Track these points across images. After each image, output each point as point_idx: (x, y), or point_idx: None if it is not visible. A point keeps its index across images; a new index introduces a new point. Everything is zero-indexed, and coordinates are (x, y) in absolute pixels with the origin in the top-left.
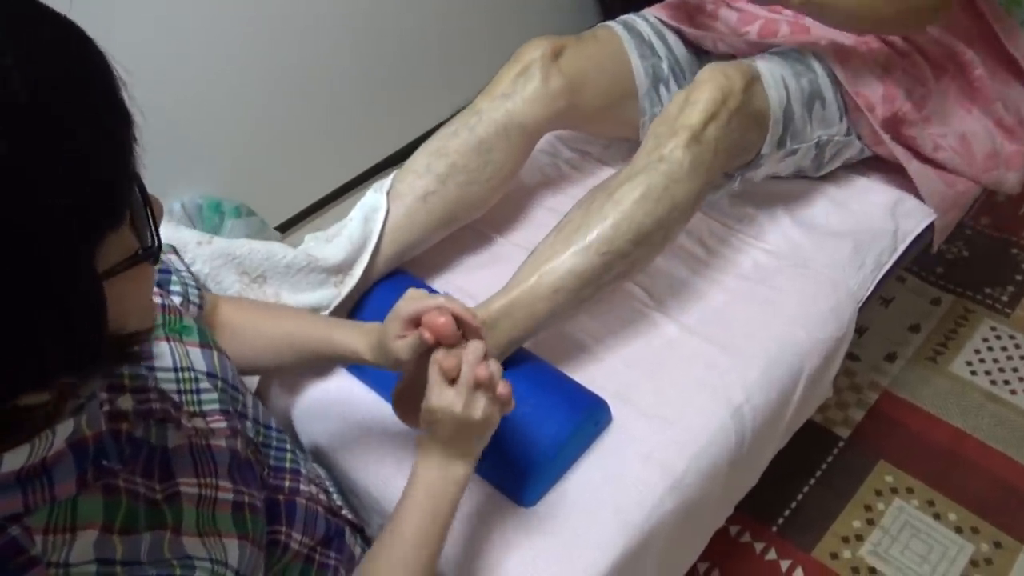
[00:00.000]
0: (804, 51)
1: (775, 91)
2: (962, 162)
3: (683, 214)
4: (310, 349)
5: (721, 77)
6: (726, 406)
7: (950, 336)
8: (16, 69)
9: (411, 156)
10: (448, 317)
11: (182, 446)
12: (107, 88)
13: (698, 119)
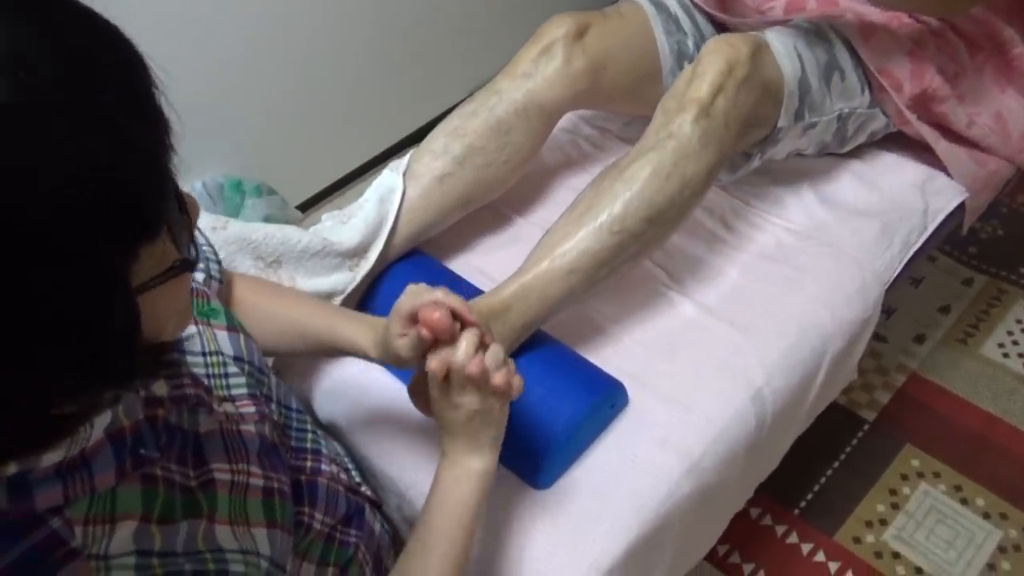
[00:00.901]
0: (822, 24)
1: (788, 60)
2: (997, 140)
3: (695, 191)
4: (318, 340)
5: (726, 47)
6: (746, 389)
7: (982, 318)
8: (43, 71)
9: (428, 135)
10: (444, 312)
11: (213, 431)
12: (140, 93)
13: (706, 92)
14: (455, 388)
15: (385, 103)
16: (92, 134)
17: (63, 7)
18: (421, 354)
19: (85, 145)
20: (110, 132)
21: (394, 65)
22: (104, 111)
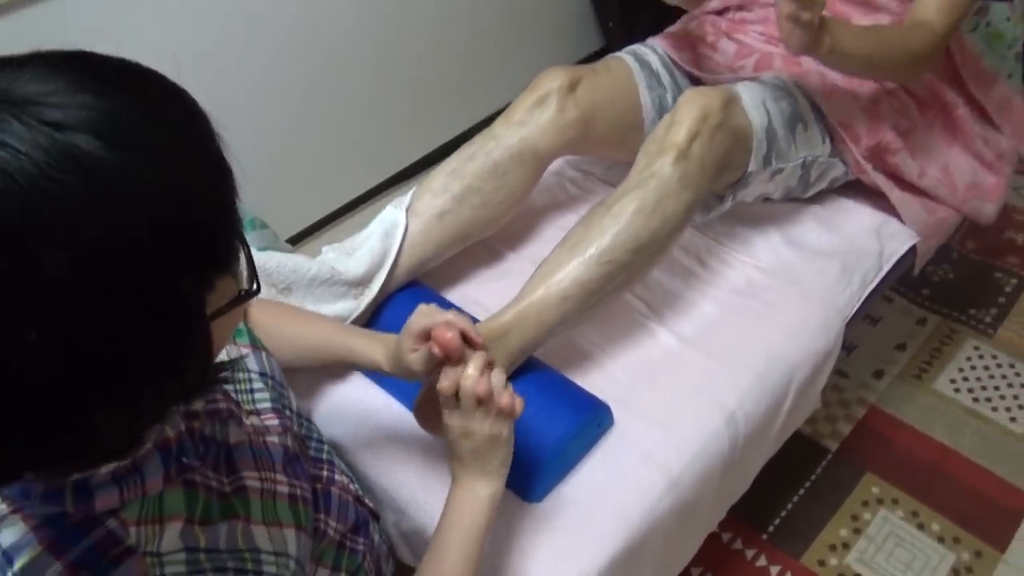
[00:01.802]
0: (787, 80)
1: (756, 111)
2: (945, 190)
3: (676, 225)
4: (332, 355)
5: (701, 97)
6: (720, 412)
7: (935, 355)
8: (143, 136)
9: (430, 175)
10: (455, 332)
11: (242, 442)
12: (212, 147)
13: (683, 137)
14: (466, 412)
15: (372, 144)
16: (182, 185)
17: (156, 83)
18: (430, 369)
19: (177, 195)
20: (195, 183)
21: (383, 107)
22: (189, 165)
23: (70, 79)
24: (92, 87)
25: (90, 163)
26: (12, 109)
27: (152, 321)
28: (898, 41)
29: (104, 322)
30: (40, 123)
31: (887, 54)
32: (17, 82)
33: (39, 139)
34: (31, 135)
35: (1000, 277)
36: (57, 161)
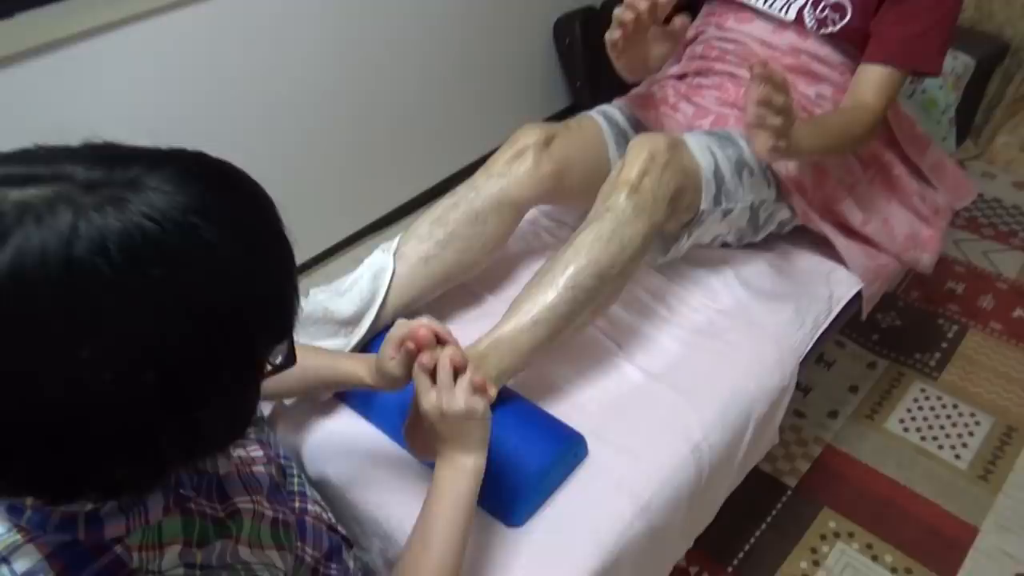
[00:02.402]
0: (733, 132)
1: (701, 155)
2: (886, 239)
3: (633, 253)
4: (318, 377)
5: (648, 140)
6: (686, 443)
7: (885, 396)
8: (234, 225)
9: (415, 222)
10: (427, 329)
11: (231, 472)
12: (283, 232)
13: (634, 174)
14: (443, 388)
15: (360, 189)
16: (269, 265)
17: (249, 182)
18: (408, 371)
19: (266, 273)
20: (278, 263)
21: (369, 157)
22: (273, 248)
23: (191, 182)
24: (209, 184)
25: (208, 242)
26: (146, 191)
27: (232, 374)
28: (843, 128)
29: (201, 370)
30: (173, 208)
31: (834, 142)
32: (151, 175)
33: (172, 214)
34: (168, 212)
35: (943, 324)
36: (186, 238)
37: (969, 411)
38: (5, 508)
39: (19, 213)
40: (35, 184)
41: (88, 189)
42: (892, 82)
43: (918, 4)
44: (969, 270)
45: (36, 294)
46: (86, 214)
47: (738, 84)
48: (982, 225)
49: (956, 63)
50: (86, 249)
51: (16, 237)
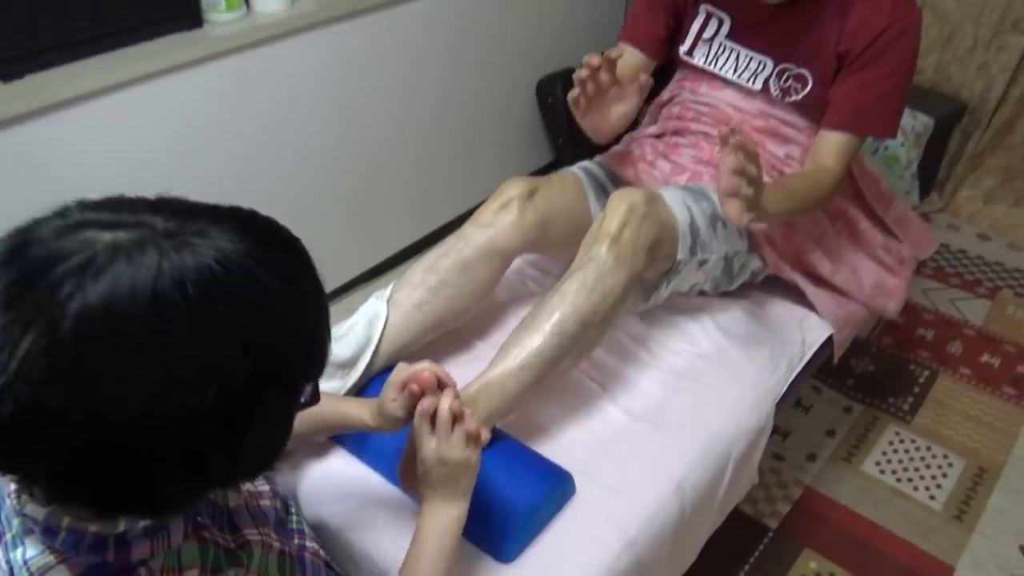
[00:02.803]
0: (706, 188)
1: (678, 208)
2: (854, 288)
3: (615, 301)
4: (321, 419)
5: (627, 194)
6: (669, 481)
7: (861, 440)
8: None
9: (408, 270)
10: (430, 372)
11: (240, 505)
12: (317, 278)
13: (614, 226)
14: (441, 437)
15: (355, 239)
16: (313, 310)
17: (286, 234)
18: (409, 412)
19: (310, 317)
20: (319, 309)
21: (363, 209)
22: (316, 297)
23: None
24: (262, 237)
25: (264, 284)
26: (213, 239)
27: (275, 403)
28: (806, 192)
29: (251, 395)
30: (235, 254)
31: (799, 205)
32: (216, 227)
33: (235, 259)
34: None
35: (914, 369)
36: (246, 280)
37: (942, 453)
38: (40, 530)
39: (111, 252)
40: (123, 229)
41: (167, 236)
42: (850, 146)
43: (872, 74)
44: (938, 318)
45: (124, 322)
46: (168, 255)
47: (712, 143)
48: (949, 274)
49: (916, 122)
50: (168, 285)
51: (110, 272)
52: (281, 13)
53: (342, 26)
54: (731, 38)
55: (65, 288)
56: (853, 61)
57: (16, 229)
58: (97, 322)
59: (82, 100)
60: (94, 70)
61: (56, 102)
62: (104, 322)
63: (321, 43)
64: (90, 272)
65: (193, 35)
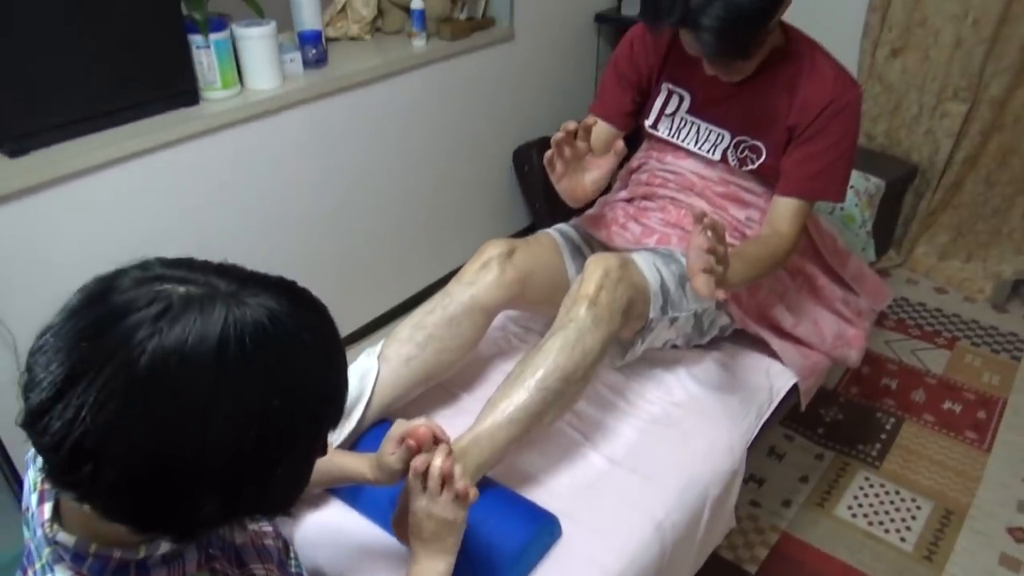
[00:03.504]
0: (674, 251)
1: (648, 271)
2: (816, 339)
3: (595, 358)
4: (322, 472)
5: (602, 260)
6: (650, 521)
7: (833, 485)
8: (307, 333)
9: (396, 327)
10: (426, 428)
11: (247, 542)
12: (340, 340)
13: (592, 289)
14: (432, 495)
15: (345, 300)
16: (336, 363)
17: (316, 302)
18: (406, 466)
19: (334, 370)
20: (340, 361)
21: (353, 271)
22: (337, 352)
23: (291, 300)
24: (299, 301)
25: (302, 340)
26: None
27: (303, 445)
28: (765, 258)
29: (285, 435)
30: (281, 315)
31: (759, 272)
32: (266, 292)
33: (281, 318)
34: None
35: (881, 417)
36: (288, 336)
37: (910, 497)
38: (70, 557)
39: (185, 303)
40: (194, 285)
41: (230, 295)
42: (802, 211)
43: (818, 145)
44: (901, 367)
45: (194, 364)
46: (232, 311)
47: (679, 207)
48: (909, 326)
49: (869, 184)
50: (231, 335)
51: (184, 320)
52: (273, 90)
53: (330, 101)
54: (691, 113)
55: (142, 331)
56: (801, 134)
57: (100, 276)
58: (170, 362)
59: (86, 174)
60: (97, 146)
61: (61, 176)
62: (176, 362)
63: (311, 118)
64: (167, 318)
65: (190, 112)
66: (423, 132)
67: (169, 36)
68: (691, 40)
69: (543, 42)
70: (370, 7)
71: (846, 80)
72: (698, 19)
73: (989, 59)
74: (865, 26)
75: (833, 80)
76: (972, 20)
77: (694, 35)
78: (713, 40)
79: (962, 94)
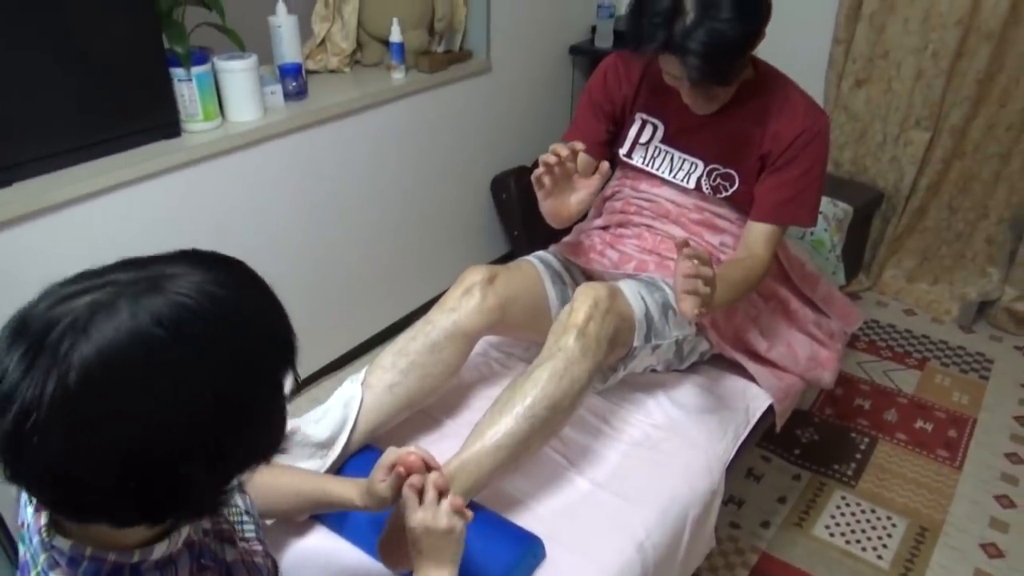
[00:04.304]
0: (657, 279)
1: (634, 300)
2: (790, 362)
3: (582, 386)
4: (312, 499)
5: (591, 290)
6: (632, 542)
7: (810, 505)
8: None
9: (379, 355)
10: (416, 456)
11: (237, 560)
12: (268, 288)
13: (581, 319)
14: (428, 507)
15: (328, 326)
16: (272, 313)
17: (229, 258)
18: (396, 493)
19: (271, 317)
20: (280, 314)
21: (336, 298)
22: (275, 305)
23: (198, 263)
24: (212, 264)
25: (232, 302)
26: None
27: (265, 395)
28: (743, 280)
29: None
30: (196, 284)
31: (738, 293)
32: (171, 266)
33: (198, 288)
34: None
35: (855, 437)
36: (212, 303)
37: (886, 515)
38: (66, 562)
39: (91, 312)
40: (96, 291)
41: (133, 284)
42: (775, 235)
43: (790, 173)
44: (873, 388)
45: (119, 362)
46: (138, 301)
47: (655, 234)
48: (880, 348)
49: (837, 210)
50: (145, 323)
51: (94, 328)
52: (254, 122)
53: (311, 133)
54: (665, 143)
55: (63, 347)
56: (774, 162)
57: (15, 313)
58: (96, 369)
59: (68, 205)
60: (79, 177)
61: (43, 207)
62: (102, 368)
63: (292, 149)
64: (79, 329)
65: (172, 144)
66: (402, 162)
67: (151, 69)
68: (675, 66)
69: (519, 74)
70: (349, 40)
71: (816, 111)
72: (684, 44)
73: (948, 90)
74: (830, 58)
75: (804, 111)
76: (931, 52)
77: (680, 60)
78: (699, 63)
79: (924, 123)
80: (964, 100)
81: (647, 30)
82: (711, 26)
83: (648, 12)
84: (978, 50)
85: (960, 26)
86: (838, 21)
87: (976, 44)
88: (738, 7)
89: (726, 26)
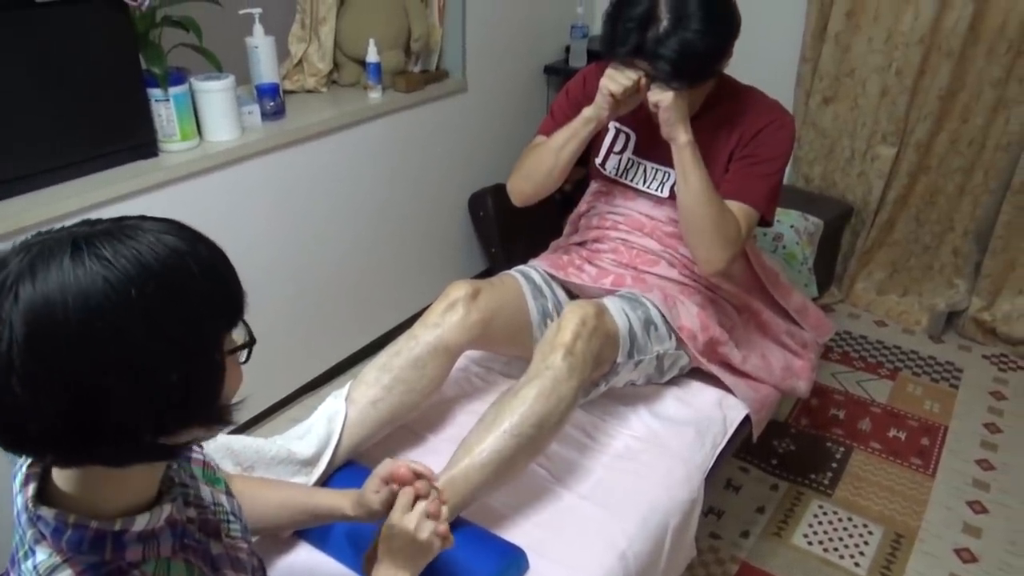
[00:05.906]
0: (639, 295)
1: (619, 318)
2: (764, 373)
3: (568, 405)
4: (302, 511)
5: (579, 309)
6: (613, 551)
7: (789, 514)
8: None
9: (363, 370)
10: (408, 469)
11: (222, 554)
12: (213, 243)
13: (569, 338)
14: (416, 519)
15: (308, 344)
16: (221, 273)
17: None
18: (389, 505)
19: (221, 277)
20: (227, 271)
21: (319, 315)
22: (224, 263)
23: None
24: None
25: (184, 260)
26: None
27: (197, 344)
28: (720, 206)
29: (183, 333)
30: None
31: (711, 207)
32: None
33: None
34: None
35: (831, 446)
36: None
37: (862, 523)
38: (50, 532)
39: (19, 270)
40: (27, 251)
41: (69, 239)
42: (742, 213)
43: (754, 158)
44: (847, 398)
45: (54, 307)
46: (91, 242)
47: (631, 247)
48: (854, 359)
49: (808, 223)
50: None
51: (26, 281)
52: (232, 142)
53: (288, 152)
54: (637, 153)
55: (4, 306)
56: (741, 150)
57: None
58: (35, 315)
59: (46, 225)
60: (58, 198)
61: (21, 228)
62: (41, 313)
63: (269, 168)
64: (9, 286)
65: (149, 163)
66: (380, 181)
67: (129, 90)
68: (647, 70)
69: (495, 93)
70: (326, 61)
71: (783, 110)
72: (656, 50)
73: (912, 106)
74: (798, 76)
75: (771, 107)
76: (895, 71)
77: (651, 64)
78: (668, 68)
79: (890, 138)
80: (928, 116)
81: (621, 34)
82: (683, 36)
83: (623, 17)
84: (939, 68)
85: (922, 45)
86: (805, 40)
87: (938, 62)
88: (708, 20)
89: (696, 36)
